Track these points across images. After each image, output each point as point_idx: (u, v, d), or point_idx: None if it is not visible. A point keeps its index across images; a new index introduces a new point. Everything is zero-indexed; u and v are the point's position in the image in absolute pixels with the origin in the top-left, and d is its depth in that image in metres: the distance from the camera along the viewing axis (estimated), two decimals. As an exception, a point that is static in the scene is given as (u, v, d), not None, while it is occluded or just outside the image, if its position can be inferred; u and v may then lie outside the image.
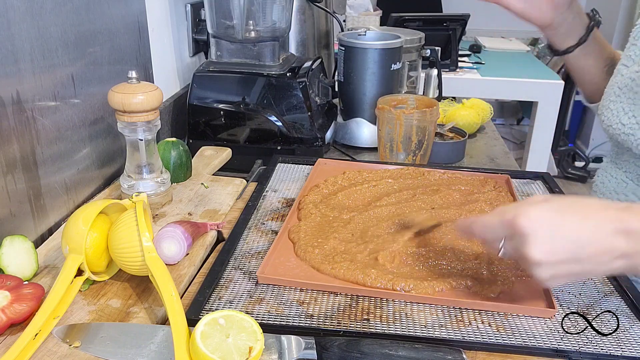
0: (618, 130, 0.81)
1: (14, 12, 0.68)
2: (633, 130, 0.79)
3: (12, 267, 0.63)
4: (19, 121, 0.70)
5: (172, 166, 0.89)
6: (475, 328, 0.58)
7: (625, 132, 0.80)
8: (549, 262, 0.53)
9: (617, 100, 0.83)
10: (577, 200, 0.56)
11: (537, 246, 0.53)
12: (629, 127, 0.79)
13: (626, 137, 0.80)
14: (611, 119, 0.83)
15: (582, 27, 0.92)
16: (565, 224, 0.53)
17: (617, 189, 0.85)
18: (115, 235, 0.63)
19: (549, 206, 0.55)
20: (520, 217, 0.54)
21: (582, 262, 0.53)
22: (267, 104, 1.05)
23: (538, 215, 0.54)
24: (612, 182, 0.87)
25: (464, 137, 1.17)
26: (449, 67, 2.14)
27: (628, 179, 0.83)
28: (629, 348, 0.55)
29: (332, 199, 0.82)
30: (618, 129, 0.81)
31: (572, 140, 3.84)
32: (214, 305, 0.60)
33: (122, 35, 0.93)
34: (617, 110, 0.82)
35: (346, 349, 0.52)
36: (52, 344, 0.55)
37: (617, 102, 0.83)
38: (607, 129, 0.84)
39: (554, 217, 0.54)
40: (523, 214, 0.54)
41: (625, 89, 0.82)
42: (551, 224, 0.53)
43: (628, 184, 0.83)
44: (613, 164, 0.88)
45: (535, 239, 0.53)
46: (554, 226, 0.53)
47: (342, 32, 1.25)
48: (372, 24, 2.21)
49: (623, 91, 0.83)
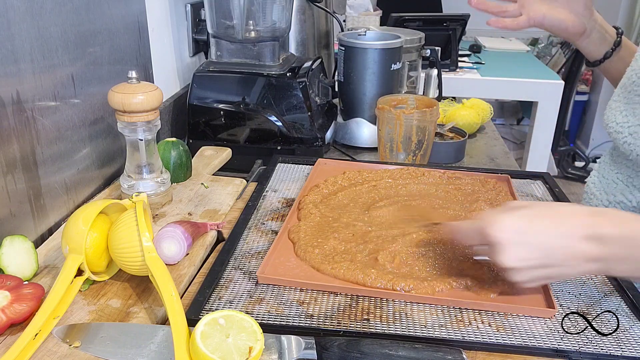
0: (611, 128, 0.82)
1: (14, 12, 0.68)
2: (622, 129, 0.79)
3: (12, 267, 0.63)
4: (19, 121, 0.70)
5: (172, 166, 0.89)
6: (475, 328, 0.58)
7: (616, 129, 0.81)
8: (521, 268, 0.55)
9: (618, 100, 0.84)
10: (549, 207, 0.58)
11: (508, 254, 0.55)
12: (620, 125, 0.80)
13: (616, 135, 0.81)
14: (609, 117, 0.83)
15: (610, 31, 0.91)
16: (536, 231, 0.55)
17: (607, 189, 0.85)
18: (115, 235, 0.63)
19: (520, 214, 0.56)
20: (492, 225, 0.56)
21: (554, 267, 0.55)
22: (267, 104, 1.05)
23: (509, 224, 0.55)
24: (603, 182, 0.87)
25: (464, 137, 1.17)
26: (449, 67, 2.14)
27: (618, 179, 0.84)
28: (629, 348, 0.55)
29: (332, 199, 0.82)
30: (612, 127, 0.82)
31: (572, 140, 3.84)
32: (214, 305, 0.60)
33: (122, 35, 0.93)
34: (615, 109, 0.83)
35: (346, 349, 0.52)
36: (52, 344, 0.55)
37: (618, 100, 0.83)
38: (605, 127, 0.85)
39: (524, 226, 0.55)
40: (494, 222, 0.56)
41: (625, 90, 0.82)
42: (521, 232, 0.55)
43: (618, 185, 0.83)
44: (608, 164, 0.88)
45: (506, 247, 0.55)
46: (524, 234, 0.55)
47: (342, 32, 1.25)
48: (372, 24, 2.21)
49: (621, 90, 0.83)
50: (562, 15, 0.87)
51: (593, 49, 0.91)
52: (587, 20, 0.88)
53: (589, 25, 0.88)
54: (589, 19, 0.88)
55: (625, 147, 0.79)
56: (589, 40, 0.90)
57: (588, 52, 0.92)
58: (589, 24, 0.88)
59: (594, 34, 0.89)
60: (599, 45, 0.90)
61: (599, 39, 0.90)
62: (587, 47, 0.91)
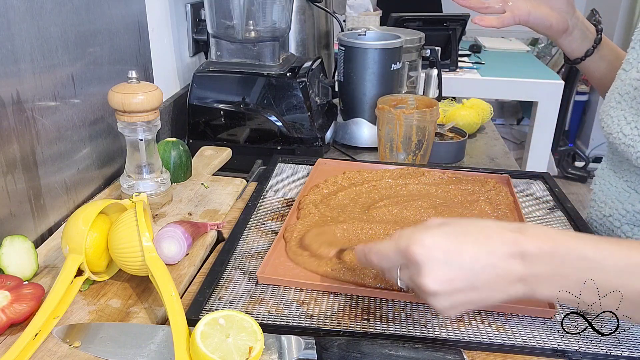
0: (618, 140, 0.78)
1: (14, 12, 0.68)
2: (634, 142, 0.75)
3: (12, 267, 0.63)
4: (19, 121, 0.70)
5: (172, 166, 0.89)
6: (475, 328, 0.58)
7: (625, 142, 0.76)
8: (445, 291, 0.50)
9: (618, 107, 0.80)
10: (473, 224, 0.54)
11: (431, 275, 0.50)
12: (630, 137, 0.75)
13: (626, 148, 0.76)
14: (612, 126, 0.80)
15: (591, 29, 0.91)
16: (460, 250, 0.50)
17: (620, 198, 0.81)
18: (115, 235, 0.63)
19: (443, 231, 0.52)
20: (414, 245, 0.50)
21: (478, 289, 0.50)
22: (267, 104, 1.05)
23: (432, 242, 0.50)
24: (613, 191, 0.83)
25: (464, 137, 1.17)
26: (449, 67, 2.14)
27: (630, 188, 0.80)
28: (629, 348, 0.55)
29: (332, 199, 0.82)
30: (619, 138, 0.78)
31: (572, 140, 3.84)
32: (214, 305, 0.60)
33: (122, 35, 0.93)
34: (618, 118, 0.79)
35: (346, 349, 0.52)
36: (52, 344, 0.55)
37: (618, 109, 0.80)
38: (607, 136, 0.81)
39: (448, 244, 0.50)
40: (416, 241, 0.51)
41: (627, 97, 0.79)
42: (445, 250, 0.50)
43: (631, 194, 0.79)
44: (612, 172, 0.85)
45: (430, 268, 0.50)
46: (448, 253, 0.50)
47: (342, 32, 1.25)
48: (372, 24, 2.21)
49: (624, 98, 0.79)
50: (546, 13, 0.87)
51: (575, 46, 0.91)
52: (570, 18, 0.88)
53: (571, 23, 0.88)
54: (571, 16, 0.88)
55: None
56: (571, 38, 0.90)
57: (570, 50, 0.92)
58: (571, 21, 0.88)
59: (576, 32, 0.89)
60: (580, 43, 0.90)
61: (580, 36, 0.90)
62: (570, 44, 0.91)
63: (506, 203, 0.82)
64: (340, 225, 0.73)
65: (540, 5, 0.87)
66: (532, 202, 0.86)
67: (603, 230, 0.84)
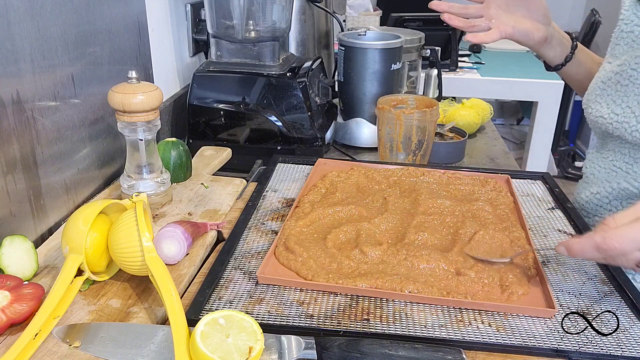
0: (611, 119, 0.84)
1: (14, 12, 0.68)
2: (628, 119, 0.81)
3: (12, 267, 0.63)
4: (19, 121, 0.70)
5: (172, 166, 0.89)
6: (475, 328, 0.58)
7: (619, 120, 0.82)
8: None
9: (604, 94, 0.86)
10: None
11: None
12: (623, 116, 0.82)
13: (619, 126, 0.82)
14: (602, 110, 0.86)
15: (566, 37, 0.98)
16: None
17: (608, 178, 0.87)
18: (115, 235, 0.63)
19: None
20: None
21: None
22: (267, 104, 1.05)
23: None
24: (602, 172, 0.89)
25: (464, 137, 1.17)
26: (449, 67, 2.14)
27: (616, 167, 0.86)
28: (629, 348, 0.55)
29: (331, 198, 0.82)
30: (611, 117, 0.84)
31: (572, 140, 3.84)
32: (214, 305, 0.60)
33: (122, 35, 0.93)
34: (606, 102, 0.85)
35: (346, 349, 0.52)
36: (52, 344, 0.55)
37: (604, 95, 0.86)
38: (596, 120, 0.87)
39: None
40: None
41: (609, 82, 0.85)
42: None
43: (617, 172, 0.86)
44: (598, 154, 0.92)
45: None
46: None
47: (342, 32, 1.25)
48: (372, 24, 2.21)
49: (607, 84, 0.86)
50: (527, 26, 0.93)
51: (554, 54, 0.97)
52: (547, 28, 0.94)
53: (549, 33, 0.94)
54: (548, 27, 0.94)
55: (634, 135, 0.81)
56: (551, 46, 0.97)
57: (550, 58, 0.99)
58: (549, 31, 0.94)
59: (554, 41, 0.96)
60: (560, 51, 0.97)
61: (558, 44, 0.97)
62: (549, 53, 0.97)
63: (506, 203, 0.82)
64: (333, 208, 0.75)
65: (521, 19, 0.93)
66: (532, 202, 0.86)
67: (590, 207, 0.91)
